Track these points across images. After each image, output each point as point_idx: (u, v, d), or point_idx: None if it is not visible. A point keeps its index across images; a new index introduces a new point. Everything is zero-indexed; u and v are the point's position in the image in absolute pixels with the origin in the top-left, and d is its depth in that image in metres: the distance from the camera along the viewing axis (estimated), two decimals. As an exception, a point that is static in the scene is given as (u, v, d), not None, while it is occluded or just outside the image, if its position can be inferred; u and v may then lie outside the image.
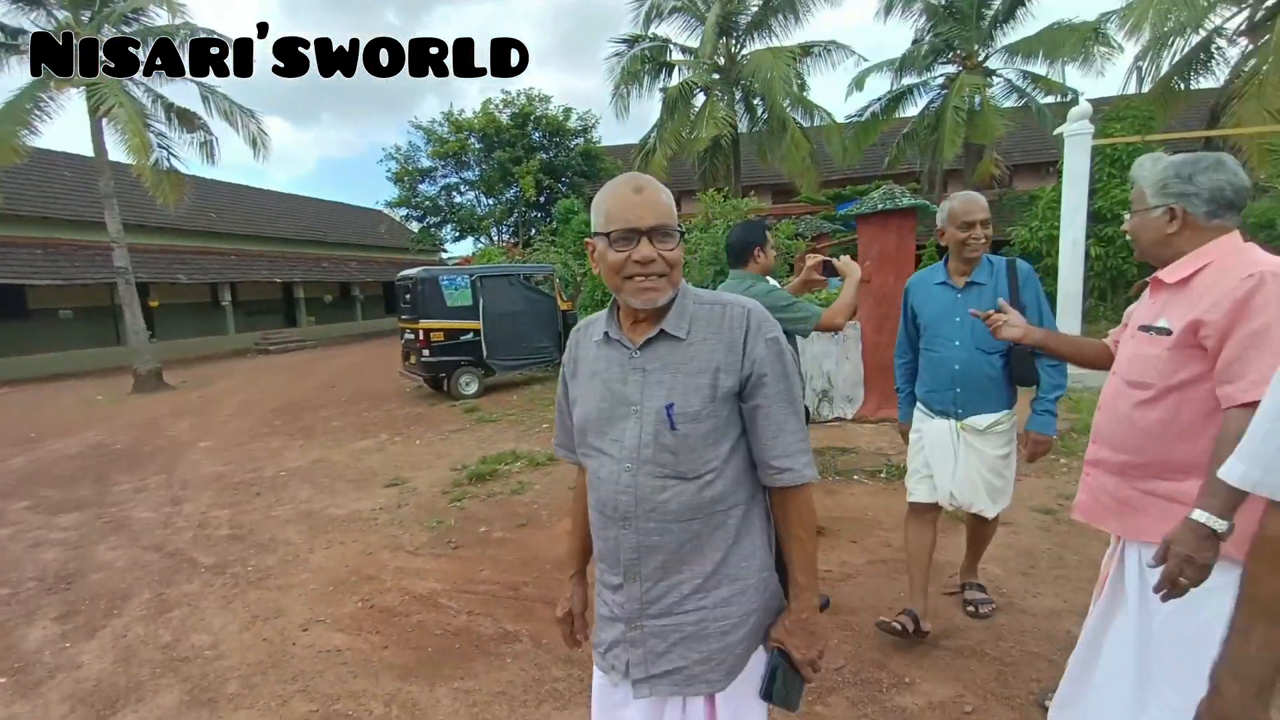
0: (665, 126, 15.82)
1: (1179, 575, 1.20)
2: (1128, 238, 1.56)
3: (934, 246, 13.24)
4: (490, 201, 22.29)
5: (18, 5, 10.60)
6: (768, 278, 2.64)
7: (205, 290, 19.77)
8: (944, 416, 2.39)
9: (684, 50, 16.73)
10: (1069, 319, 6.99)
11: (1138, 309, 1.61)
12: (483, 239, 21.99)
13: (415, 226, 23.07)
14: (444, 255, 26.65)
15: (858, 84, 17.11)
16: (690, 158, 16.26)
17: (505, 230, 22.73)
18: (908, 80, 16.95)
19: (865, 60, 16.50)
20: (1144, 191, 1.48)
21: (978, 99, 15.12)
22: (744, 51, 16.07)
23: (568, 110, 22.34)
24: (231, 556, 3.63)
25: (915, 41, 16.33)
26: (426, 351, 8.07)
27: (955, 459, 2.35)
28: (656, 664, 1.12)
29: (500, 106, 21.59)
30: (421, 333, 8.06)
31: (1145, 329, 1.45)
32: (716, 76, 16.17)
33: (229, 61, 11.82)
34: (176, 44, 11.68)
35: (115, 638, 2.80)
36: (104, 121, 10.98)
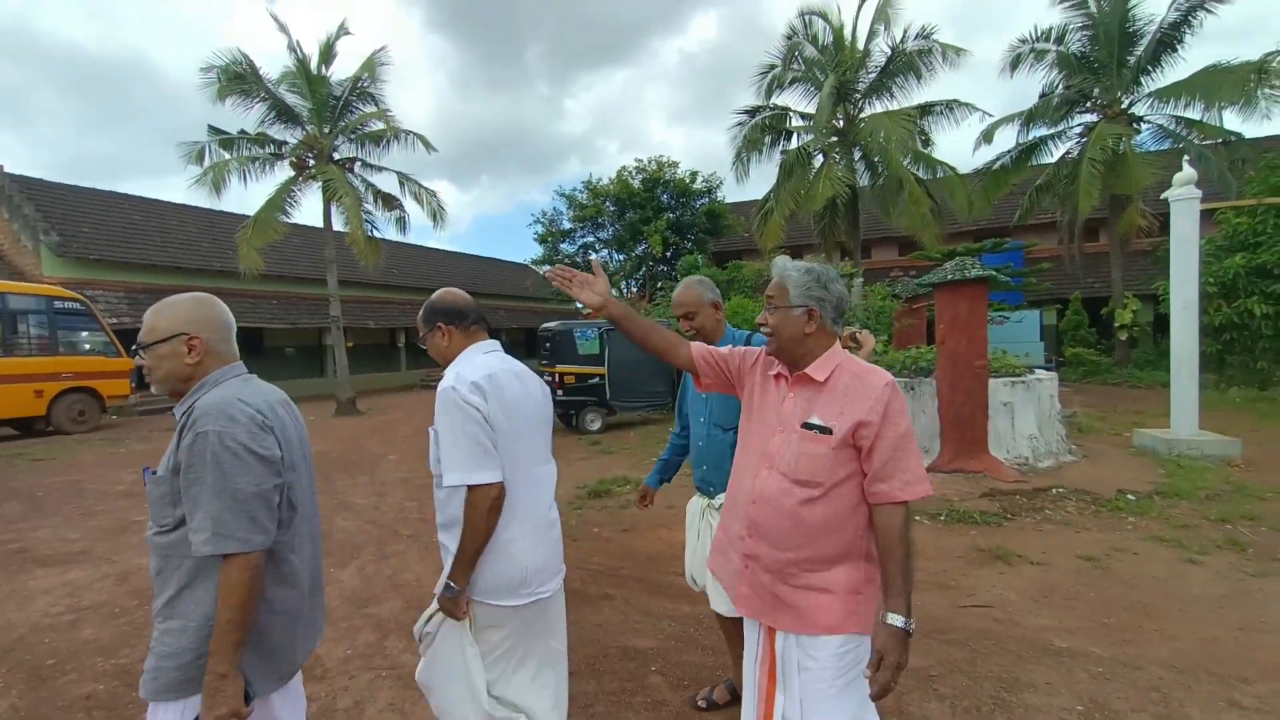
0: (783, 188, 16.82)
1: (893, 681, 1.34)
2: (765, 331, 1.57)
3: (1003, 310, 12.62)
4: (621, 257, 24.45)
5: (285, 125, 14.26)
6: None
7: (385, 334, 23.69)
8: (700, 493, 2.39)
9: (802, 116, 17.76)
10: (1183, 381, 6.90)
11: (768, 394, 1.61)
12: (612, 292, 24.10)
13: (555, 280, 25.85)
14: (578, 306, 29.27)
15: (986, 137, 17.05)
16: (807, 215, 17.05)
17: (634, 284, 24.72)
18: (1039, 132, 16.60)
19: (990, 115, 16.46)
20: (787, 290, 1.53)
21: (1121, 146, 14.48)
22: (862, 115, 16.75)
23: (694, 173, 24.16)
24: (422, 532, 5.08)
25: (1044, 95, 16.05)
26: (560, 392, 9.60)
27: (698, 538, 2.35)
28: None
29: (633, 173, 23.91)
30: (557, 375, 9.63)
31: (809, 427, 1.47)
32: (834, 139, 16.97)
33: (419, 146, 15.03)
34: (384, 142, 14.99)
35: (357, 569, 4.26)
36: (333, 205, 14.26)
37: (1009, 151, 17.02)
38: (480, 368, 1.74)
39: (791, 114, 17.98)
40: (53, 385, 11.44)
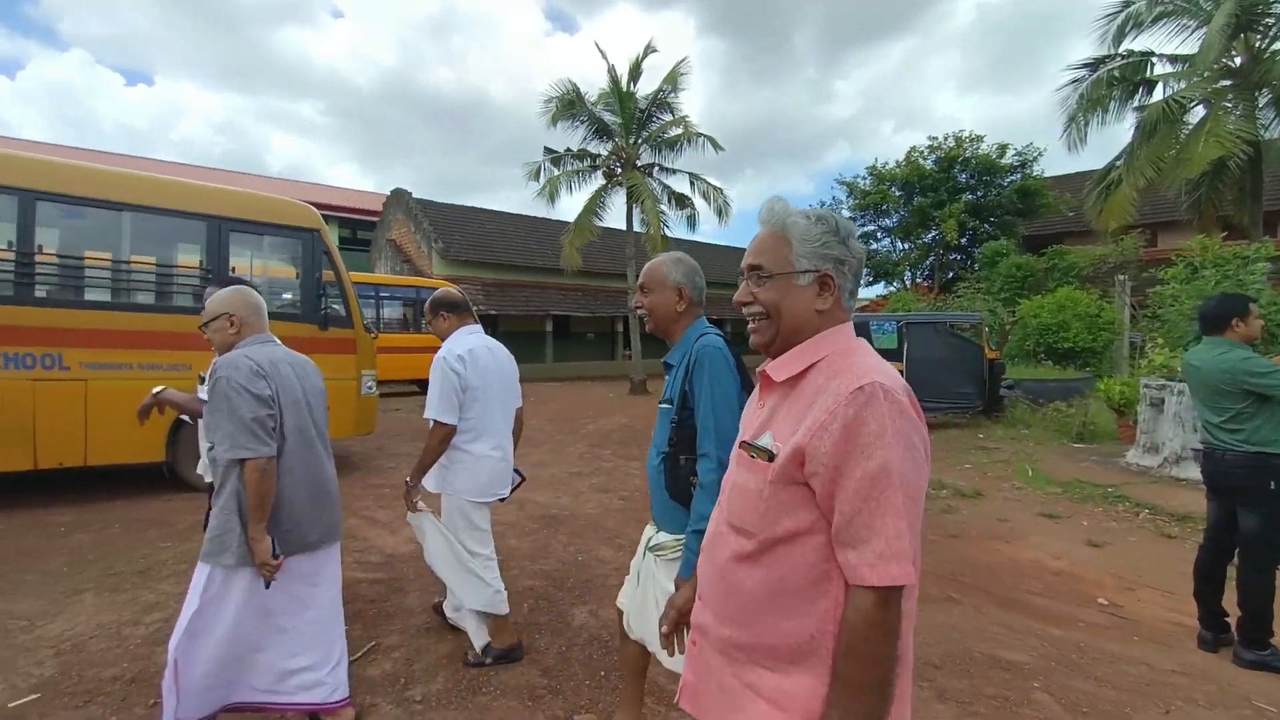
0: (1138, 153, 13.53)
1: None
2: (750, 312, 1.09)
3: None
4: (905, 246, 22.54)
5: (599, 139, 16.45)
6: (1245, 345, 2.86)
7: (665, 323, 25.84)
8: (653, 526, 1.94)
9: (1172, 60, 14.03)
10: None
11: (750, 405, 1.18)
12: (895, 283, 22.39)
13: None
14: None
15: None
16: (1175, 185, 13.46)
17: (920, 273, 22.61)
18: None
19: None
20: (788, 245, 1.04)
21: None
22: (1275, 46, 12.53)
23: (1003, 146, 20.94)
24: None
25: None
26: (852, 386, 9.30)
27: (637, 579, 1.95)
28: None
29: (925, 153, 21.76)
30: (848, 369, 9.36)
31: (746, 446, 1.04)
32: (1226, 83, 13.04)
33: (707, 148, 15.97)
34: (678, 146, 16.24)
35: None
36: (635, 207, 16.02)
37: None
38: (463, 344, 2.62)
39: (1154, 60, 14.34)
40: (443, 356, 15.23)
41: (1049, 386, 10.16)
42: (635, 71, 15.89)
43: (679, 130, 15.81)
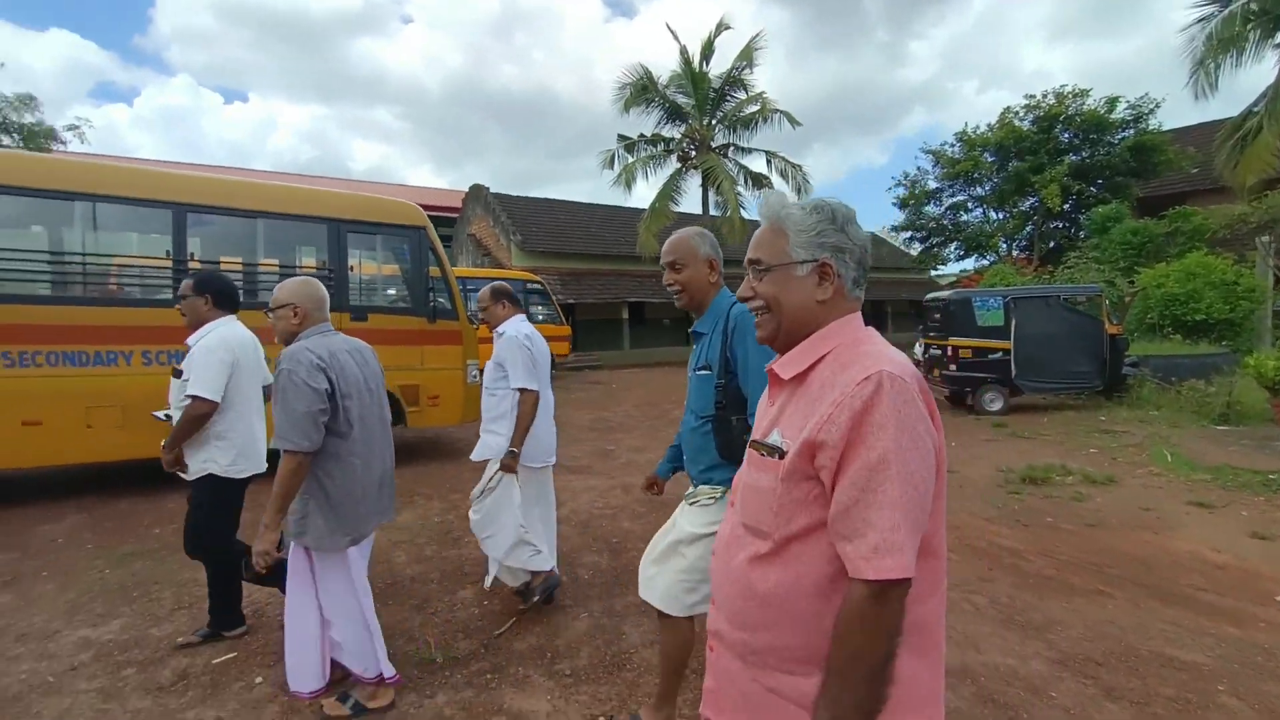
0: (1284, 96, 11.97)
1: None
2: (752, 307, 1.12)
3: None
4: (1000, 215, 21.08)
5: (672, 123, 16.31)
6: None
7: (740, 307, 25.51)
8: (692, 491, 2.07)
9: (1330, -15, 12.24)
10: None
11: (760, 404, 1.18)
12: (988, 256, 21.00)
13: (916, 248, 23.72)
14: (933, 273, 26.48)
15: None
16: (1331, 131, 11.81)
17: (1016, 244, 21.11)
18: None
19: None
20: (785, 236, 1.06)
21: None
22: None
23: (1112, 100, 19.09)
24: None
25: None
26: (953, 366, 8.84)
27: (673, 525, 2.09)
28: None
29: (1021, 114, 20.19)
30: (950, 349, 8.88)
31: (757, 445, 1.04)
32: (1398, 8, 11.27)
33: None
34: (753, 124, 15.85)
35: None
36: (710, 190, 15.82)
37: None
38: (524, 329, 2.98)
39: (1303, -14, 12.56)
40: (526, 345, 15.67)
41: (1180, 363, 9.24)
42: (708, 50, 15.62)
43: (755, 108, 15.45)
